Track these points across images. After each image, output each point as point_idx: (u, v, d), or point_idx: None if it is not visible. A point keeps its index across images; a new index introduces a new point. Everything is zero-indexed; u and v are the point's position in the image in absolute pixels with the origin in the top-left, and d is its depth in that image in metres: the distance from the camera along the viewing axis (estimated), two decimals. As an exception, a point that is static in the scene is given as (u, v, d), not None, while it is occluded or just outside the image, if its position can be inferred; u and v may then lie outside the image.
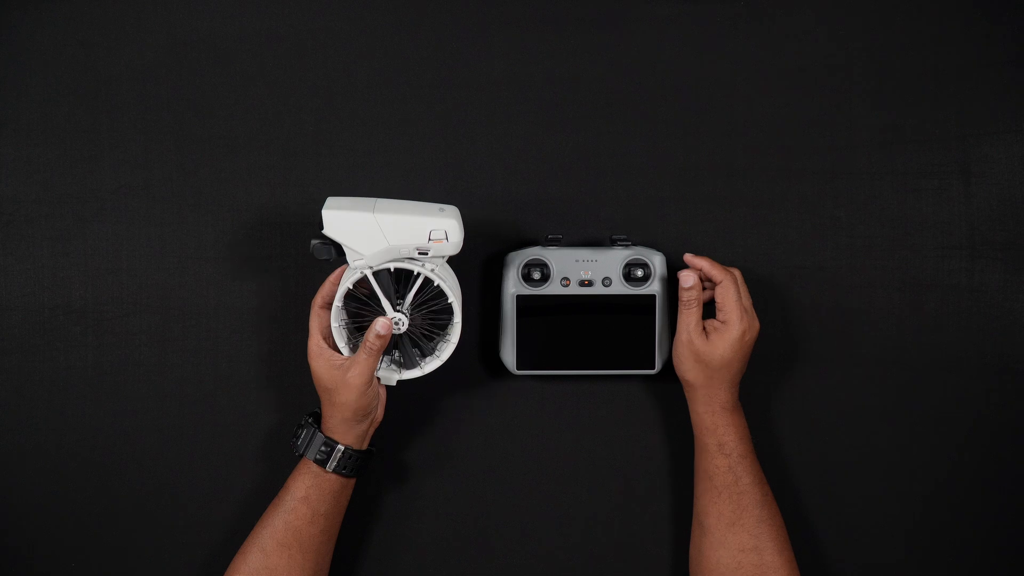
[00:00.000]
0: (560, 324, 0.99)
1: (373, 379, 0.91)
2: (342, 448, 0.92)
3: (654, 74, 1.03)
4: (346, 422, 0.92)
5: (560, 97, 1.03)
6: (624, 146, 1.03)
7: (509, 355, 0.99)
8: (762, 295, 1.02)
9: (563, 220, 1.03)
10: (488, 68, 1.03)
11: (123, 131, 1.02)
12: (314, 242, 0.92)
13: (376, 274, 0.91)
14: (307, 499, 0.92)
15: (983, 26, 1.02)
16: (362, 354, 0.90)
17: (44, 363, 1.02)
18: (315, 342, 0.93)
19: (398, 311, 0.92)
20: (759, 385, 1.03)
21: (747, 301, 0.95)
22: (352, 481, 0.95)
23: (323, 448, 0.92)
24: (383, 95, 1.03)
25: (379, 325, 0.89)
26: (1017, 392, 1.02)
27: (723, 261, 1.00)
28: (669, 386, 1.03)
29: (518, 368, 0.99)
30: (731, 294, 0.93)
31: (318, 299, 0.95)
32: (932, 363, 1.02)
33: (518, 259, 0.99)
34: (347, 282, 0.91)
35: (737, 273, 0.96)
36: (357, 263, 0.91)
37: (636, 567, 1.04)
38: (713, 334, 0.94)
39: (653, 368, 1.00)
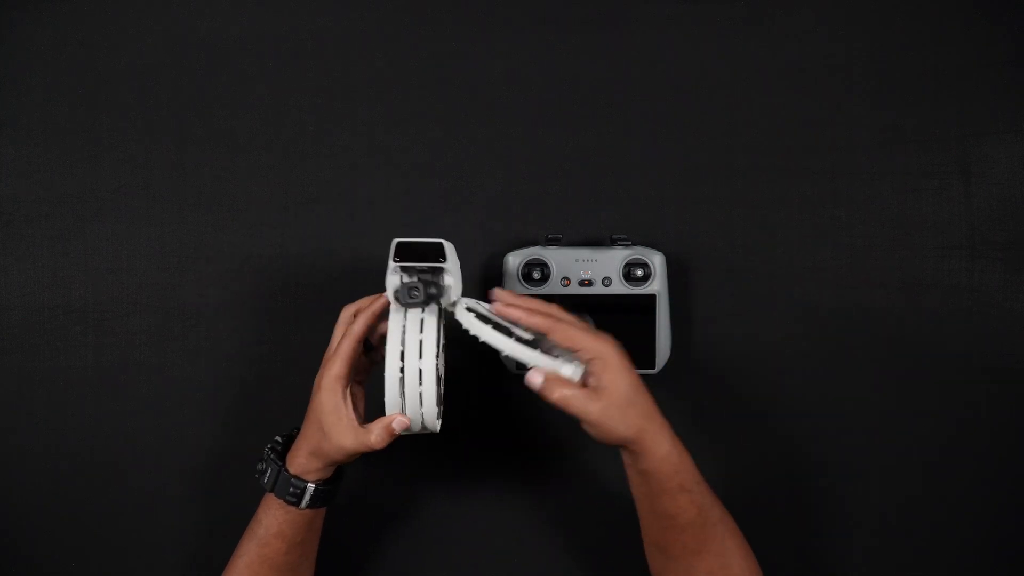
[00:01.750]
0: (560, 324, 0.99)
1: None
2: (312, 487, 0.86)
3: (654, 74, 1.03)
4: (324, 461, 0.86)
5: (560, 97, 1.03)
6: (624, 146, 1.03)
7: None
8: (762, 295, 1.02)
9: (563, 220, 1.03)
10: (488, 68, 1.03)
11: (123, 131, 1.02)
12: (407, 281, 0.80)
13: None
14: (281, 534, 0.88)
15: (983, 26, 1.02)
16: (379, 436, 0.83)
17: (44, 363, 1.02)
18: (336, 373, 0.84)
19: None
20: (760, 385, 1.03)
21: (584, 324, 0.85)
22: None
23: (292, 490, 0.86)
24: (383, 95, 1.03)
25: (398, 421, 0.82)
26: (1017, 392, 1.02)
27: (723, 261, 1.01)
28: (669, 386, 1.03)
29: (518, 368, 0.99)
30: (573, 332, 0.83)
31: (361, 327, 0.85)
32: (932, 363, 1.02)
33: (518, 259, 0.99)
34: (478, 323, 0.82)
35: (556, 310, 0.85)
36: (466, 300, 0.84)
37: (636, 566, 1.04)
38: (599, 381, 0.82)
39: (653, 368, 1.00)
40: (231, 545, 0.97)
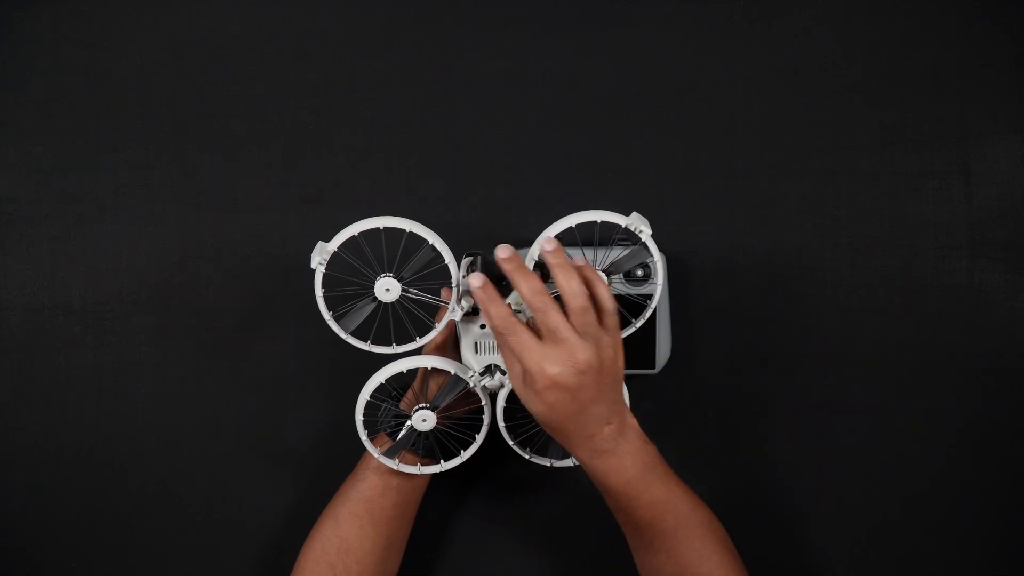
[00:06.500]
0: (560, 324, 0.98)
1: None
2: (411, 423, 0.90)
3: (654, 74, 1.03)
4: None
5: (560, 97, 1.03)
6: (624, 146, 1.03)
7: (509, 355, 0.99)
8: (762, 295, 1.03)
9: (563, 220, 1.03)
10: (488, 68, 1.03)
11: (123, 131, 1.02)
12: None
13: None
14: (378, 470, 0.91)
15: (983, 26, 1.02)
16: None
17: (44, 363, 1.02)
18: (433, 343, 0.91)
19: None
20: (760, 385, 1.03)
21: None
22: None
23: (392, 421, 0.91)
24: (383, 95, 1.03)
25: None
26: (1017, 392, 1.02)
27: (723, 261, 1.00)
28: (669, 386, 1.03)
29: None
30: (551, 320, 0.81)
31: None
32: (932, 363, 1.02)
33: (518, 259, 0.99)
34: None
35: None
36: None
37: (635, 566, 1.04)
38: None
39: (653, 368, 1.00)
40: (232, 545, 0.97)
